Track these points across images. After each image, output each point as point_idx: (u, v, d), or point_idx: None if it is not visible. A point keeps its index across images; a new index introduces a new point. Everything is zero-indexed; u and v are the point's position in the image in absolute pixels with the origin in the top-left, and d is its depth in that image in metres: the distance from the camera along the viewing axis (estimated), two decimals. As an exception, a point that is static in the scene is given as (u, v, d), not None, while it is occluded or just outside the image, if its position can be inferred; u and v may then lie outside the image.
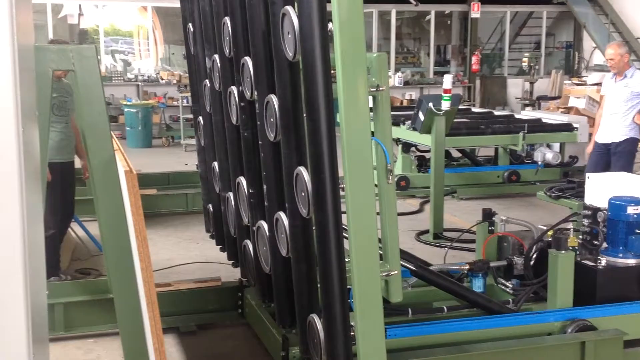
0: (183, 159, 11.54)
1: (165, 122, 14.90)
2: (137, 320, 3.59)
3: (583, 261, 4.45)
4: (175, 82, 15.14)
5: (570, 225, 4.78)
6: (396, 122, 9.58)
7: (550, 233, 4.62)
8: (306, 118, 2.75)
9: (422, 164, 9.93)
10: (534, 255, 4.61)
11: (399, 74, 17.00)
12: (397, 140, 9.85)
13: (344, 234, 2.86)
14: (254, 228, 3.74)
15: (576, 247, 4.50)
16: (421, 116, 8.26)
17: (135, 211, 3.34)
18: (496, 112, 11.64)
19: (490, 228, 4.95)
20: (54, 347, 4.64)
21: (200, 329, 4.90)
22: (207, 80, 4.35)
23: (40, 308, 2.48)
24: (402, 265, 4.17)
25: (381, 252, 3.29)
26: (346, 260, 2.91)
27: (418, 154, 10.19)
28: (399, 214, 8.44)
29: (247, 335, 4.76)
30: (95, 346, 4.69)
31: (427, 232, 7.51)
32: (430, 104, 7.76)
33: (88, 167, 3.91)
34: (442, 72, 17.54)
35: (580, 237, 4.64)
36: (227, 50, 3.75)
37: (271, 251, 3.50)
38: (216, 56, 4.02)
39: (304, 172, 2.86)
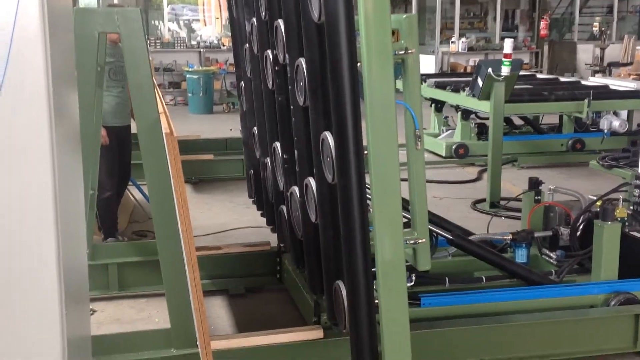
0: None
1: (226, 88, 15.02)
2: (181, 280, 3.63)
3: (632, 233, 4.29)
4: (236, 48, 15.21)
5: (621, 196, 4.60)
6: (456, 88, 9.42)
7: (598, 203, 4.46)
8: (330, 81, 2.71)
9: (482, 131, 9.74)
10: (581, 226, 4.47)
11: (463, 39, 16.60)
12: (457, 107, 9.69)
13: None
14: (288, 194, 3.74)
15: (625, 218, 4.33)
16: (480, 82, 8.07)
17: (175, 173, 3.36)
18: (562, 79, 11.27)
19: (536, 197, 4.82)
20: (108, 306, 4.81)
21: (249, 292, 4.97)
22: (247, 45, 4.34)
23: (77, 267, 2.51)
24: (439, 234, 4.12)
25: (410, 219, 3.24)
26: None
27: (478, 121, 10.00)
28: (457, 182, 8.42)
29: (291, 299, 4.81)
30: (147, 305, 4.82)
31: (483, 200, 7.40)
32: (490, 70, 7.56)
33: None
34: (509, 37, 17.06)
35: (631, 207, 4.47)
36: (263, 13, 3.73)
37: (302, 217, 3.49)
38: (254, 19, 4.00)
39: (329, 137, 2.83)
